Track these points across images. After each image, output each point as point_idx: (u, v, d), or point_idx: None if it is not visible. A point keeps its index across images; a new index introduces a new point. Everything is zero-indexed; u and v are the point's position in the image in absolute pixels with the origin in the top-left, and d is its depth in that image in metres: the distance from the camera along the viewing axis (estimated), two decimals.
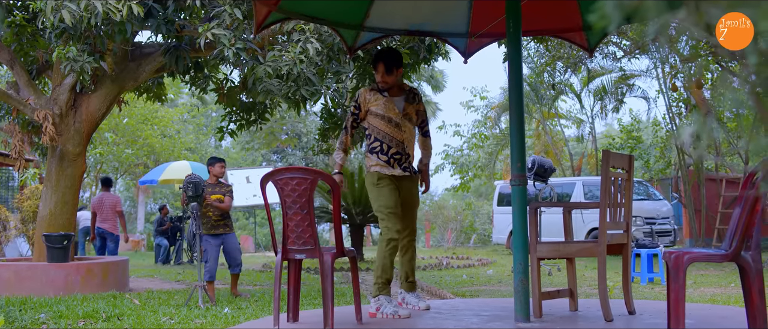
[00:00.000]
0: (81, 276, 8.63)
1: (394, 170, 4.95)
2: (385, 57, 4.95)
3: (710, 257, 3.75)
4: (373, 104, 4.97)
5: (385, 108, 4.95)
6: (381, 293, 4.88)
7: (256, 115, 10.06)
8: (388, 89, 5.01)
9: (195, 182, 7.50)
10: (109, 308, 6.92)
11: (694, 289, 8.77)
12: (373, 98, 4.99)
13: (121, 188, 32.60)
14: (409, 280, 5.10)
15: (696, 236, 16.89)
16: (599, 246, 4.38)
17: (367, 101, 4.99)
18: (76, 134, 9.12)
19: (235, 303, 7.43)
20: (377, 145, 4.97)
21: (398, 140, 4.97)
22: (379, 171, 4.95)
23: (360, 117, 5.03)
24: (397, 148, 4.96)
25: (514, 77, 4.49)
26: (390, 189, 4.90)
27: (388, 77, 4.96)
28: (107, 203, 11.98)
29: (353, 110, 5.04)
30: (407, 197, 5.04)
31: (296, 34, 7.99)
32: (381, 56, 4.96)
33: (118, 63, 9.09)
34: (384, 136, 4.96)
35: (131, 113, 21.40)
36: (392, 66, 4.95)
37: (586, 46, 5.64)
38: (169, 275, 11.80)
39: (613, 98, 19.98)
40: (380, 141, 4.96)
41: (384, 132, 4.96)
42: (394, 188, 4.93)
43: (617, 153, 4.53)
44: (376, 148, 4.97)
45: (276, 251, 4.52)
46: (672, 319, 3.63)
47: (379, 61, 4.96)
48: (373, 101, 4.98)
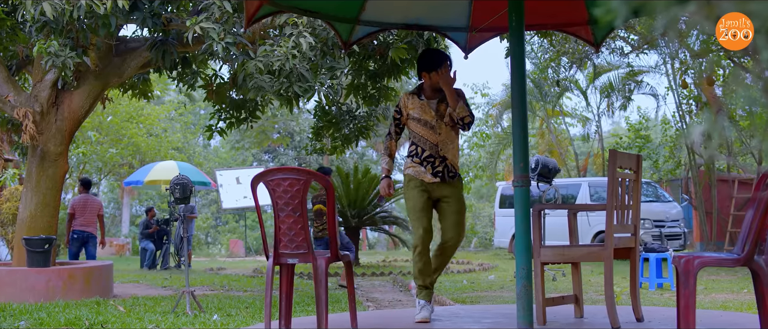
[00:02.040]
0: (63, 282, 8.62)
1: (424, 176, 5.09)
2: (419, 61, 5.21)
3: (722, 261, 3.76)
4: (411, 108, 5.18)
5: (421, 111, 5.14)
6: (418, 297, 5.10)
7: (247, 113, 10.05)
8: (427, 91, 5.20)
9: (182, 183, 7.49)
10: (93, 315, 6.91)
11: (705, 295, 8.78)
12: (411, 102, 5.19)
13: (105, 190, 32.57)
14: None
15: (707, 240, 16.92)
16: (606, 250, 4.38)
17: (407, 105, 5.20)
18: (57, 132, 9.11)
19: (224, 310, 7.43)
20: (413, 148, 5.19)
21: (432, 142, 5.11)
22: (410, 174, 5.14)
23: (402, 122, 5.25)
24: (431, 151, 5.10)
25: (516, 74, 4.49)
26: (417, 192, 5.06)
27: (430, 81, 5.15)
28: (92, 206, 12.05)
29: (395, 114, 5.26)
30: (442, 203, 5.14)
31: (289, 28, 7.99)
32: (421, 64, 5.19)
33: (102, 58, 9.07)
34: (419, 139, 5.15)
35: (116, 110, 21.38)
36: (422, 70, 5.16)
37: (592, 41, 5.65)
38: (155, 280, 11.79)
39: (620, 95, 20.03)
40: (416, 144, 5.17)
41: (419, 135, 5.15)
42: (423, 191, 5.07)
43: (625, 153, 4.54)
44: (412, 151, 5.19)
45: (267, 255, 4.52)
46: (682, 326, 3.63)
47: (421, 69, 5.18)
48: (411, 105, 5.19)
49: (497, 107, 24.62)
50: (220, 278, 12.34)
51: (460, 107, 5.03)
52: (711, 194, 17.16)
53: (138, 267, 16.02)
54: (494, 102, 25.33)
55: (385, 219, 16.83)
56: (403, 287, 10.38)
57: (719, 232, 17.20)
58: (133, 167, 22.76)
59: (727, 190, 17.55)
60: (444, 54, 5.20)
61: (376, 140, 30.12)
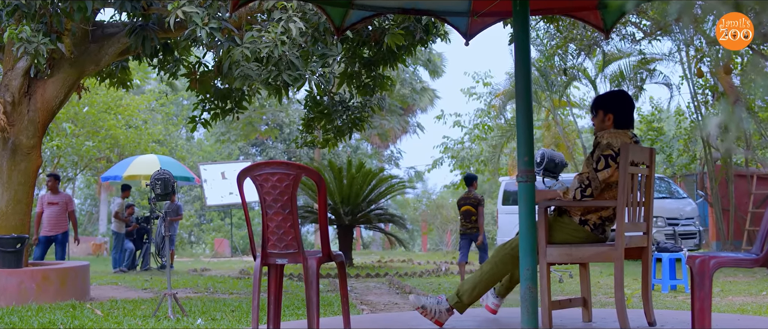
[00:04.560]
0: (36, 284, 8.61)
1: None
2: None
3: (739, 262, 3.77)
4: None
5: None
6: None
7: (233, 103, 10.04)
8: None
9: (164, 178, 7.47)
10: (68, 319, 6.91)
11: (721, 297, 8.81)
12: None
13: (81, 185, 32.52)
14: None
15: (723, 239, 16.96)
16: (616, 250, 4.38)
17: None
18: (30, 124, 9.09)
19: (209, 314, 7.43)
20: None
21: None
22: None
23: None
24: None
25: (521, 61, 4.49)
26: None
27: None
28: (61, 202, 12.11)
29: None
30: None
31: (277, 13, 7.98)
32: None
33: (78, 45, 9.05)
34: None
35: (92, 100, 21.32)
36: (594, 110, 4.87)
37: (602, 26, 5.64)
38: (134, 282, 11.79)
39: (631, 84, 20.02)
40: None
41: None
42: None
43: (637, 146, 4.53)
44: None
45: (255, 255, 4.51)
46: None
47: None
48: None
49: (500, 97, 24.62)
50: (205, 280, 12.35)
51: None
52: (728, 190, 17.19)
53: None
54: (497, 92, 25.34)
55: (380, 217, 16.85)
56: (399, 289, 10.39)
57: (736, 230, 17.24)
58: (111, 161, 22.72)
59: (745, 186, 17.58)
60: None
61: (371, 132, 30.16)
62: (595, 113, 4.79)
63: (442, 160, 29.30)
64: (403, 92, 32.23)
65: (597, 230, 4.70)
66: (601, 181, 4.56)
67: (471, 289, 4.82)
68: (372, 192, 16.18)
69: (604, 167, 4.56)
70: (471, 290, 4.82)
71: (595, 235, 4.70)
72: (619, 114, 4.71)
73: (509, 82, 23.70)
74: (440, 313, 4.79)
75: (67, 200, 12.31)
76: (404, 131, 36.00)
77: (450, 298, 4.85)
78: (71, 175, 24.62)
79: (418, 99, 34.26)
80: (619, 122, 4.70)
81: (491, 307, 5.30)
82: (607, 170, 4.55)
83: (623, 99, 4.83)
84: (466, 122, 28.40)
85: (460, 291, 4.83)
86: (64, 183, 25.04)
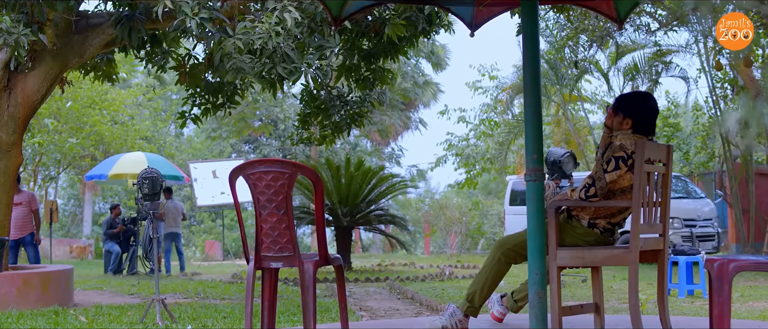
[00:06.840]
0: (16, 288, 8.60)
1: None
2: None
3: (760, 265, 3.77)
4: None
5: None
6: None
7: (224, 97, 10.04)
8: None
9: (152, 177, 7.47)
10: (51, 326, 6.91)
11: (741, 303, 8.81)
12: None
13: (64, 185, 32.53)
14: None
15: (743, 241, 16.96)
16: (630, 253, 4.38)
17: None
18: (10, 120, 9.08)
19: (199, 320, 7.44)
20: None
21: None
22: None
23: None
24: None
25: (529, 54, 4.49)
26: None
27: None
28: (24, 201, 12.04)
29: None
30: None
31: (272, 2, 7.97)
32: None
33: (60, 36, 9.04)
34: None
35: (76, 95, 21.33)
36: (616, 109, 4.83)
37: (615, 16, 5.63)
38: (121, 287, 11.80)
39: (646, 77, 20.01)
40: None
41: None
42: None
43: (653, 143, 4.53)
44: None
45: (248, 258, 4.51)
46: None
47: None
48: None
49: (507, 91, 24.62)
50: (195, 284, 12.35)
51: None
52: (748, 190, 17.19)
53: (101, 272, 16.02)
54: (504, 86, 25.33)
55: (380, 218, 16.84)
56: (400, 294, 10.39)
57: (757, 232, 17.24)
58: (96, 159, 22.74)
59: (766, 185, 17.59)
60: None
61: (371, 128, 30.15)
62: (616, 112, 4.77)
63: (445, 158, 29.29)
64: (404, 86, 32.24)
65: (606, 234, 4.71)
66: (607, 182, 4.55)
67: (480, 290, 4.96)
68: (372, 192, 16.17)
69: (613, 169, 4.55)
70: (480, 291, 4.96)
71: (604, 237, 4.70)
72: (639, 123, 4.68)
73: (517, 75, 23.69)
74: (461, 326, 4.97)
75: (30, 199, 12.24)
76: (406, 127, 36.04)
77: (461, 305, 4.96)
78: (54, 174, 24.62)
79: (421, 93, 34.24)
80: (638, 129, 4.68)
81: (497, 316, 5.34)
82: (616, 171, 4.54)
83: (647, 105, 4.77)
84: (471, 118, 28.40)
85: (469, 296, 4.93)
86: (47, 182, 25.08)
